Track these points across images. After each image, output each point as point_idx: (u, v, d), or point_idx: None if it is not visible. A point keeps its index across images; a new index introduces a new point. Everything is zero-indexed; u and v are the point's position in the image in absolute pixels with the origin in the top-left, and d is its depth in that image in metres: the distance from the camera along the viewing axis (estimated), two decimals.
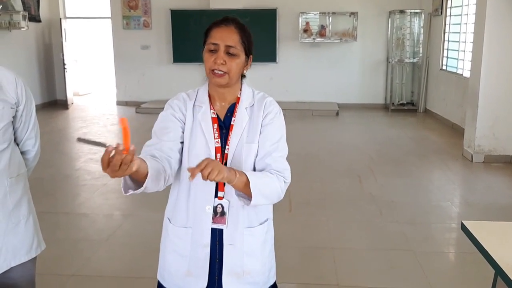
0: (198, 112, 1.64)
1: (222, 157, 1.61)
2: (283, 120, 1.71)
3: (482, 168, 5.90)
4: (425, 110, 9.89)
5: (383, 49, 10.28)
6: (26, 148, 1.98)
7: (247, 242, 1.65)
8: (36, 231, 1.98)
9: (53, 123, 8.95)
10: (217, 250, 1.63)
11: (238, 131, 1.62)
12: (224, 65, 1.56)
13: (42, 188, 5.10)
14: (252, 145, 1.62)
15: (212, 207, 1.61)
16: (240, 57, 1.60)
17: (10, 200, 1.84)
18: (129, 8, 10.52)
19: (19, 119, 1.89)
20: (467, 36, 7.66)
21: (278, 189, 1.59)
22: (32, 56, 10.19)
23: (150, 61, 10.72)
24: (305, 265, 3.43)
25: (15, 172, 1.87)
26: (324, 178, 5.48)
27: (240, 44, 1.59)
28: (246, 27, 1.64)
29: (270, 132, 1.64)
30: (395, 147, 7.02)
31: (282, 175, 1.62)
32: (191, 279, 1.65)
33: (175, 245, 1.69)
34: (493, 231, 2.13)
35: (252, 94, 1.70)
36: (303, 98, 10.48)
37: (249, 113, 1.65)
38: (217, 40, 1.57)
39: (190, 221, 1.64)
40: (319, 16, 10.16)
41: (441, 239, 4.00)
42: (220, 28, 1.59)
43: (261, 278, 1.70)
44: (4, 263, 1.82)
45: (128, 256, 3.62)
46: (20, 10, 9.29)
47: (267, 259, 1.73)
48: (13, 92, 1.83)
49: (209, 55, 1.58)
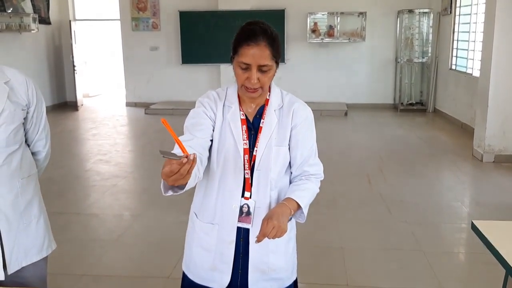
0: (227, 113, 1.66)
1: (250, 158, 1.64)
2: (313, 122, 1.75)
3: (493, 168, 5.86)
4: (434, 110, 9.84)
5: (392, 49, 10.25)
6: (37, 149, 2.00)
7: (273, 240, 1.67)
8: (47, 231, 2.00)
9: (63, 124, 9.02)
10: (242, 246, 1.68)
11: (267, 133, 1.65)
12: (258, 83, 1.57)
13: (53, 189, 5.14)
14: (281, 149, 1.67)
15: (239, 206, 1.65)
16: (272, 70, 1.60)
17: (22, 201, 1.85)
18: (138, 10, 10.57)
19: (30, 120, 1.91)
20: (477, 35, 7.62)
21: (316, 191, 1.75)
22: (42, 58, 10.28)
23: (159, 62, 10.77)
24: (315, 265, 3.43)
25: (27, 173, 1.89)
26: (334, 178, 5.46)
27: (272, 59, 1.57)
28: (274, 35, 1.59)
29: (305, 141, 1.70)
30: (404, 147, 6.99)
31: (317, 177, 1.75)
32: (216, 274, 1.70)
33: (201, 239, 1.72)
34: (504, 231, 2.12)
35: (280, 96, 1.72)
36: (312, 99, 10.43)
37: (278, 115, 1.68)
38: (249, 61, 1.54)
39: (217, 218, 1.68)
40: (327, 16, 10.15)
41: (451, 239, 3.98)
42: (250, 47, 1.53)
43: (285, 274, 1.75)
44: (16, 263, 1.84)
45: (138, 256, 3.64)
46: (30, 12, 9.38)
47: (290, 256, 1.78)
48: (24, 94, 1.84)
49: (241, 72, 1.57)
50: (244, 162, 1.64)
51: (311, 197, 1.69)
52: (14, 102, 1.79)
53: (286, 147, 1.67)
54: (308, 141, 1.71)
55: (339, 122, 9.05)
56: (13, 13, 8.92)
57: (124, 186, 5.26)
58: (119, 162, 6.25)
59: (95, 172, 5.82)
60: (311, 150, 1.73)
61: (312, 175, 1.72)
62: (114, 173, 5.76)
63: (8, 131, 1.77)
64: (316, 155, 1.76)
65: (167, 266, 3.37)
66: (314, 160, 1.74)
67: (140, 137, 8.18)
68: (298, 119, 1.68)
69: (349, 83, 10.38)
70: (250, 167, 1.64)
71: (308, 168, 1.71)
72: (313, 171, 1.72)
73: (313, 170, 1.72)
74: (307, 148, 1.70)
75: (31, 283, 1.91)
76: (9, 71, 1.83)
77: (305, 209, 1.63)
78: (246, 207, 1.65)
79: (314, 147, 1.75)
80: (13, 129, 1.79)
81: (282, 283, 1.75)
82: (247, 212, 1.65)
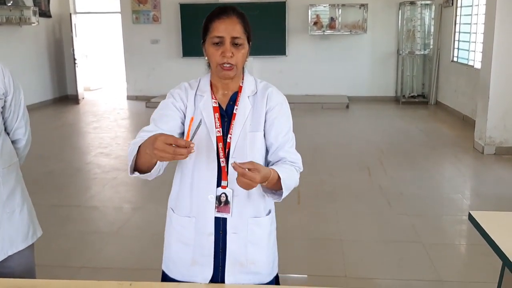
0: (199, 102, 1.64)
1: (224, 146, 1.60)
2: (289, 108, 1.70)
3: (493, 160, 5.85)
4: (436, 103, 9.80)
5: (394, 41, 10.20)
6: (17, 137, 2.00)
7: (252, 231, 1.65)
8: (31, 219, 2.00)
9: (64, 118, 9.02)
10: (221, 240, 1.63)
11: (241, 120, 1.61)
12: (232, 58, 1.55)
13: (53, 182, 5.16)
14: (257, 134, 1.62)
15: (215, 196, 1.60)
16: (245, 47, 1.59)
17: (4, 191, 1.86)
18: (139, 3, 10.54)
19: (8, 109, 1.90)
20: (478, 27, 7.57)
21: (296, 180, 1.64)
22: (43, 52, 10.26)
23: (159, 55, 10.75)
24: (313, 257, 3.44)
25: (7, 162, 1.89)
26: (333, 170, 5.46)
27: (244, 33, 1.58)
28: (243, 13, 1.61)
29: (280, 125, 1.64)
30: (406, 140, 6.97)
31: (297, 165, 1.66)
32: (197, 268, 1.65)
33: (179, 234, 1.68)
34: (501, 222, 2.10)
35: (254, 82, 1.69)
36: (313, 91, 10.44)
37: (252, 102, 1.64)
38: (221, 33, 1.54)
39: (194, 211, 1.64)
40: (328, 8, 10.10)
41: (450, 231, 3.97)
42: (222, 20, 1.55)
43: (265, 269, 1.70)
44: (1, 252, 1.85)
45: (137, 248, 3.65)
46: (30, 5, 9.37)
47: (271, 250, 1.73)
48: (0, 82, 1.84)
49: (215, 49, 1.55)
50: (218, 151, 1.59)
51: (291, 176, 1.57)
52: None
53: (261, 132, 1.62)
54: (284, 126, 1.65)
55: (340, 115, 9.03)
56: (13, 6, 8.91)
57: (125, 179, 5.26)
58: (120, 155, 6.25)
59: (95, 165, 5.83)
60: (287, 136, 1.65)
61: (291, 162, 1.63)
62: (114, 166, 5.76)
63: None
64: (293, 145, 1.67)
65: None
66: (291, 148, 1.66)
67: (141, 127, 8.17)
68: (272, 102, 1.64)
69: (351, 75, 10.34)
70: (225, 155, 1.59)
71: (285, 155, 1.63)
72: (291, 158, 1.63)
73: (290, 157, 1.64)
74: (282, 133, 1.64)
75: (18, 272, 1.91)
76: None
77: (283, 183, 1.50)
78: (224, 196, 1.60)
79: (291, 135, 1.67)
80: None
81: (262, 278, 1.69)
82: (225, 201, 1.60)
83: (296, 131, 1.72)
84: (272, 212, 1.74)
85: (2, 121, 1.90)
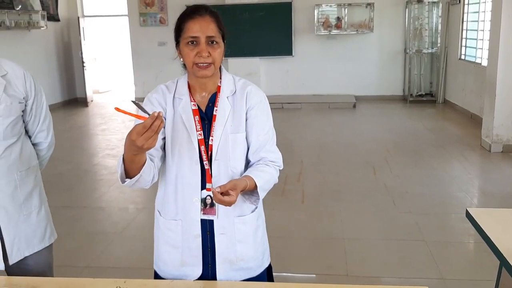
0: (178, 105, 1.63)
1: (206, 148, 1.60)
2: (268, 106, 1.70)
3: (500, 158, 5.80)
4: (444, 101, 9.74)
5: (401, 40, 10.15)
6: (39, 140, 2.03)
7: (239, 230, 1.66)
8: (49, 221, 2.04)
9: (72, 120, 9.11)
10: (209, 240, 1.65)
11: (221, 121, 1.61)
12: (209, 57, 1.54)
13: (61, 183, 5.22)
14: (238, 135, 1.62)
15: (200, 199, 1.61)
16: (220, 45, 1.58)
17: (21, 193, 1.89)
18: (146, 5, 10.62)
19: (29, 113, 1.93)
20: (485, 25, 7.51)
21: (275, 179, 1.67)
22: (52, 55, 10.37)
23: (167, 57, 10.74)
24: (315, 255, 3.44)
25: (26, 165, 1.92)
26: (338, 170, 5.46)
27: (218, 32, 1.57)
28: (218, 13, 1.61)
29: (260, 124, 1.64)
30: (412, 139, 6.94)
31: (277, 164, 1.68)
32: (186, 268, 1.67)
33: (167, 237, 1.69)
34: (499, 219, 2.08)
35: (233, 81, 1.68)
36: (320, 91, 10.43)
37: (231, 102, 1.63)
38: (196, 33, 1.53)
39: (180, 214, 1.65)
40: (335, 8, 10.08)
41: (454, 229, 3.95)
42: (196, 20, 1.54)
43: (254, 263, 1.72)
44: (18, 253, 1.89)
45: (141, 247, 3.68)
46: (39, 9, 9.46)
47: (259, 244, 1.74)
48: (21, 87, 1.87)
49: (189, 49, 1.54)
50: (201, 154, 1.60)
51: (269, 179, 1.61)
52: (10, 96, 1.82)
53: (243, 133, 1.62)
54: (264, 124, 1.65)
55: (347, 114, 9.01)
56: (22, 10, 9.01)
57: None
58: None
59: (102, 167, 5.89)
60: (268, 135, 1.65)
61: (271, 161, 1.65)
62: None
63: (5, 124, 1.80)
64: (274, 143, 1.69)
65: None
66: (272, 147, 1.67)
67: None
68: (252, 101, 1.64)
69: (358, 75, 10.31)
70: (208, 158, 1.60)
71: (266, 155, 1.64)
72: (271, 158, 1.65)
73: (271, 157, 1.65)
74: (263, 132, 1.64)
75: (36, 271, 1.96)
76: (6, 65, 1.85)
77: (260, 190, 1.54)
78: (209, 198, 1.60)
79: (271, 133, 1.67)
80: (11, 122, 1.82)
81: (252, 272, 1.71)
82: (210, 203, 1.61)
83: (302, 130, 1.73)
84: (258, 207, 1.74)
85: (23, 124, 1.93)
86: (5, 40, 8.72)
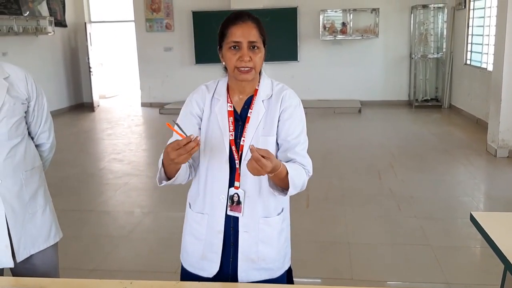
0: (215, 105, 1.71)
1: (237, 148, 1.67)
2: (303, 112, 1.74)
3: (506, 163, 5.79)
4: (449, 106, 9.73)
5: (406, 45, 10.16)
6: (41, 141, 2.09)
7: (263, 231, 1.71)
8: (54, 221, 2.09)
9: (79, 125, 9.18)
10: (232, 235, 1.71)
11: (254, 123, 1.67)
12: (250, 61, 1.60)
13: (68, 187, 5.26)
14: (269, 138, 1.67)
15: (226, 196, 1.68)
16: (261, 50, 1.64)
17: (26, 192, 1.94)
18: (152, 11, 10.69)
19: (32, 114, 2.00)
20: (491, 29, 7.51)
21: (305, 181, 1.66)
22: (59, 61, 10.46)
23: (173, 62, 10.87)
24: (320, 260, 3.45)
25: (30, 165, 1.97)
26: (344, 174, 5.47)
27: (260, 37, 1.63)
28: (260, 19, 1.67)
29: (292, 126, 1.68)
30: (418, 143, 6.94)
31: (306, 168, 1.69)
32: (205, 262, 1.74)
33: (193, 228, 1.77)
34: (504, 223, 2.08)
35: (270, 86, 1.74)
36: (325, 96, 10.44)
37: (266, 106, 1.69)
38: (239, 38, 1.59)
39: (207, 208, 1.72)
40: (339, 13, 10.11)
41: (460, 233, 3.94)
42: (239, 25, 1.61)
43: (275, 264, 1.76)
44: (24, 251, 1.93)
45: (146, 251, 3.71)
46: (46, 15, 9.57)
47: (282, 246, 1.78)
48: (23, 88, 1.93)
49: (232, 54, 1.61)
50: (232, 153, 1.67)
51: (300, 176, 1.60)
52: (13, 97, 1.88)
53: (273, 136, 1.67)
54: (295, 128, 1.68)
55: (352, 119, 9.02)
56: (30, 16, 9.11)
57: (136, 184, 5.34)
58: (132, 161, 6.35)
59: (108, 171, 5.92)
60: (298, 139, 1.67)
61: (301, 164, 1.65)
62: (126, 171, 5.85)
63: (10, 125, 1.86)
64: (304, 148, 1.70)
65: (175, 261, 3.40)
66: (302, 151, 1.68)
67: (153, 137, 8.27)
68: (286, 104, 1.69)
69: (363, 80, 10.32)
70: (239, 158, 1.66)
71: (295, 156, 1.65)
72: (300, 161, 1.66)
73: (300, 159, 1.66)
74: (293, 135, 1.66)
75: (41, 269, 1.99)
76: (8, 68, 1.92)
77: (290, 179, 1.54)
78: (236, 196, 1.67)
79: (303, 139, 1.69)
80: (14, 122, 1.88)
81: (272, 273, 1.76)
82: (237, 201, 1.68)
83: (308, 135, 1.74)
84: (284, 210, 1.78)
85: (26, 125, 1.99)
86: (13, 46, 8.81)
